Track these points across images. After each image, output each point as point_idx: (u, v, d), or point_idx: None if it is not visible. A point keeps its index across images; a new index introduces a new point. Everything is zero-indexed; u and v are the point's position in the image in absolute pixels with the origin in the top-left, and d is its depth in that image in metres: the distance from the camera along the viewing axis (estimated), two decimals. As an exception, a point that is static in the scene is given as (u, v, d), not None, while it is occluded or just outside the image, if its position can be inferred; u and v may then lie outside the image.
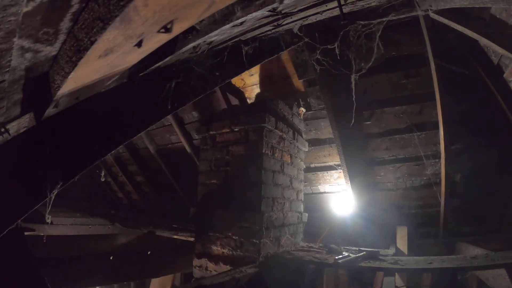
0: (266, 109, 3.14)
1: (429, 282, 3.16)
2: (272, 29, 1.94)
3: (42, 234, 4.42)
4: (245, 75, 4.05)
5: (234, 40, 1.82)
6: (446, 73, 3.05)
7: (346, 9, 1.92)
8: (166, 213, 5.77)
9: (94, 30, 0.79)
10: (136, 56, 1.14)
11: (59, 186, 1.45)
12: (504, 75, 2.82)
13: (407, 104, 3.56)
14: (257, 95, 4.22)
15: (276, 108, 3.36)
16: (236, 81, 4.23)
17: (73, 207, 5.41)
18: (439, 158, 3.44)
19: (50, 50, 0.99)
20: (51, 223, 4.56)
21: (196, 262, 3.26)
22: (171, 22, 0.89)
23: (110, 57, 0.99)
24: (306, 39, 2.74)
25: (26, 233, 3.80)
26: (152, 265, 5.57)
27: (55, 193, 1.46)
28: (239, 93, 4.26)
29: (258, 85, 4.10)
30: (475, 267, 2.57)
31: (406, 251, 3.55)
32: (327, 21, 2.26)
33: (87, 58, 0.89)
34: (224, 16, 1.20)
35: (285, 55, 3.72)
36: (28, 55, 0.96)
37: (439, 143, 3.36)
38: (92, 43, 0.82)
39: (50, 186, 1.42)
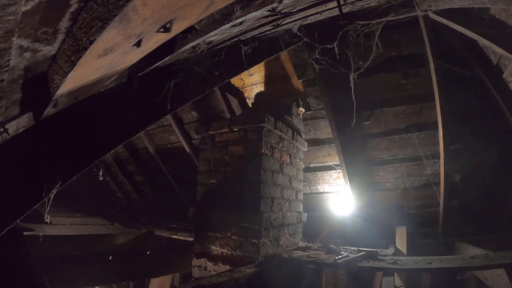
0: (265, 109, 3.15)
1: (428, 282, 3.16)
2: (272, 29, 1.94)
3: (41, 234, 4.42)
4: (244, 75, 4.05)
5: (234, 40, 1.82)
6: (445, 73, 3.05)
7: (345, 9, 1.92)
8: (165, 213, 5.76)
9: (93, 29, 0.79)
10: (135, 55, 1.14)
11: (58, 186, 1.45)
12: (504, 75, 2.83)
13: (406, 104, 3.56)
14: (257, 95, 4.21)
15: (275, 108, 3.36)
16: (235, 81, 4.23)
17: (72, 207, 5.40)
18: (438, 158, 3.45)
19: (49, 50, 0.99)
20: (50, 223, 4.55)
21: (195, 262, 3.25)
22: (170, 21, 0.89)
23: (109, 56, 0.98)
24: (306, 39, 2.74)
25: (25, 233, 3.80)
26: (151, 265, 5.57)
27: (54, 193, 1.46)
28: (238, 93, 4.25)
29: (258, 85, 4.10)
30: (474, 267, 2.57)
31: (405, 251, 3.55)
32: (326, 21, 2.26)
33: (86, 57, 0.89)
34: (224, 16, 1.20)
35: (284, 55, 3.72)
36: (27, 55, 0.96)
37: (438, 143, 3.36)
38: (91, 42, 0.82)
39: (49, 186, 1.42)
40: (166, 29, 0.91)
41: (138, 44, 0.96)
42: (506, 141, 3.25)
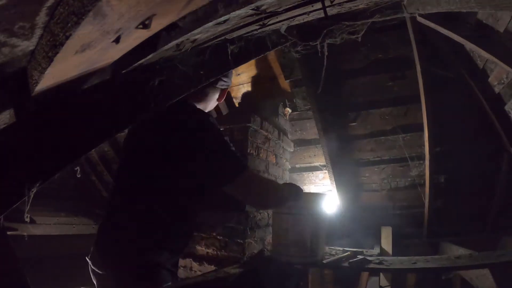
0: (251, 109, 3.14)
1: (413, 282, 3.18)
2: (258, 28, 1.94)
3: (25, 234, 4.35)
4: (231, 74, 4.04)
5: (219, 38, 1.81)
6: (431, 76, 3.08)
7: (333, 11, 1.93)
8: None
9: (69, 24, 0.77)
10: (116, 52, 1.13)
11: (38, 184, 1.42)
12: (489, 79, 2.86)
13: (393, 106, 3.59)
14: (243, 95, 4.20)
15: (261, 108, 3.36)
16: (223, 80, 4.21)
17: (57, 207, 5.33)
18: (424, 159, 3.47)
19: (27, 45, 0.97)
20: (31, 222, 4.49)
21: (180, 262, 3.23)
22: (149, 18, 0.88)
23: (88, 53, 0.97)
24: (293, 40, 2.74)
25: (8, 233, 3.75)
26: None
27: (34, 192, 1.43)
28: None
29: (245, 85, 4.09)
30: (459, 267, 2.59)
31: (390, 251, 3.58)
32: (314, 21, 2.26)
33: (63, 53, 0.87)
34: (207, 14, 1.19)
35: (271, 56, 3.72)
36: (5, 50, 0.95)
37: (424, 145, 3.39)
38: (67, 38, 0.80)
39: (29, 185, 1.39)
40: (145, 25, 0.90)
41: (117, 40, 0.94)
42: (490, 143, 3.29)
